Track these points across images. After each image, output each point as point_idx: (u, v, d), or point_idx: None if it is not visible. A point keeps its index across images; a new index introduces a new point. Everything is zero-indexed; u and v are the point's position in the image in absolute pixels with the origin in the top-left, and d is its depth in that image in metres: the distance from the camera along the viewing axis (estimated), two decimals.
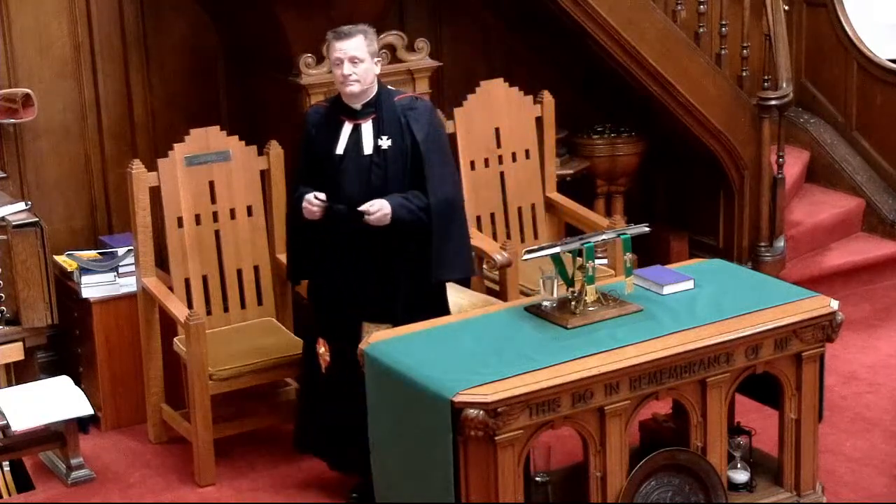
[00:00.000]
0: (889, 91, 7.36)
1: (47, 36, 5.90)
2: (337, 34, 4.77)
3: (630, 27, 6.25)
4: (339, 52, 4.75)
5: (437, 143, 4.88)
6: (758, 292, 4.85)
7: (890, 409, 5.79)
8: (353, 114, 4.84)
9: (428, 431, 4.26)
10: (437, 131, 4.91)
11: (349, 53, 4.73)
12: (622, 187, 6.87)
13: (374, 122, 4.83)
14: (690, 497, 4.57)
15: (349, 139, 4.84)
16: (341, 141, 4.84)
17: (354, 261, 4.86)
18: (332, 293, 4.94)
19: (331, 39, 4.79)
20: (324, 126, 4.88)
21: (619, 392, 4.40)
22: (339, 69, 4.76)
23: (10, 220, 5.29)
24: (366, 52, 4.76)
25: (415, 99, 4.94)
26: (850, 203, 7.44)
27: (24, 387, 5.33)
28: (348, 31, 4.77)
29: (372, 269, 4.86)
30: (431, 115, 4.91)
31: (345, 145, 4.84)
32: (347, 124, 4.85)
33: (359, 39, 4.75)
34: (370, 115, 4.83)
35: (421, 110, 4.87)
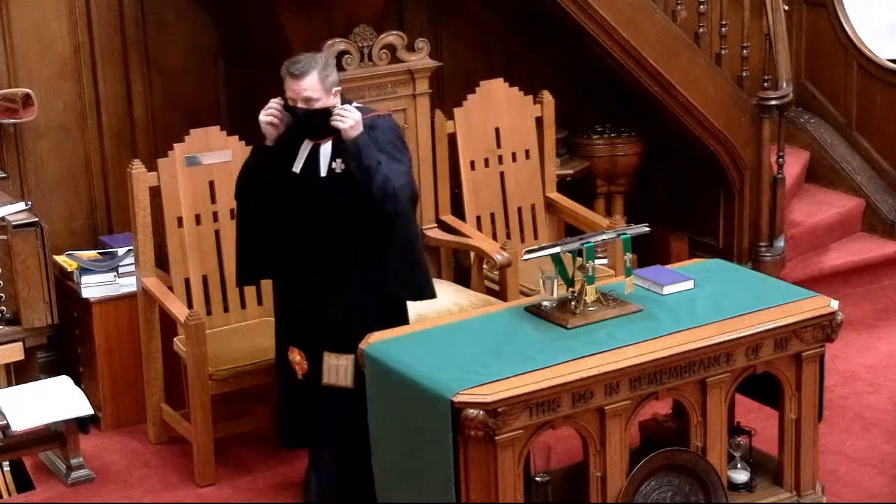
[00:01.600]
0: (889, 91, 7.36)
1: (47, 36, 5.90)
2: (291, 72, 4.61)
3: (630, 27, 6.25)
4: (292, 91, 4.62)
5: (397, 147, 4.72)
6: (758, 292, 4.85)
7: (890, 409, 5.79)
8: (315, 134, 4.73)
9: (428, 431, 4.26)
10: (398, 141, 4.75)
11: (302, 94, 4.60)
12: (622, 187, 6.87)
13: (333, 143, 4.70)
14: (690, 497, 4.57)
15: (307, 158, 4.73)
16: (299, 159, 4.73)
17: (316, 289, 4.76)
18: (295, 313, 4.85)
19: (285, 75, 4.63)
20: (285, 138, 4.72)
21: (619, 392, 4.40)
22: (293, 104, 4.64)
23: (10, 220, 5.29)
24: (320, 90, 4.60)
25: (377, 118, 4.77)
26: (850, 203, 7.44)
27: (24, 387, 5.33)
28: (302, 68, 4.59)
29: (335, 299, 4.74)
30: (394, 132, 4.76)
31: (302, 164, 4.73)
32: (307, 143, 4.73)
33: (312, 77, 4.58)
34: (331, 136, 4.69)
35: (383, 129, 4.72)
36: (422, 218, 5.95)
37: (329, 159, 4.70)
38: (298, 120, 4.63)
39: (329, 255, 4.71)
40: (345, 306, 4.73)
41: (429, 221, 5.98)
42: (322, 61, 4.63)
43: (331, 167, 4.70)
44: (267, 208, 4.79)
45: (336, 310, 4.74)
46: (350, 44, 5.66)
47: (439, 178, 6.01)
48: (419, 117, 5.88)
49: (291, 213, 4.75)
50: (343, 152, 4.65)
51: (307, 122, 4.63)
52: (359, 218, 4.67)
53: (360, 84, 5.71)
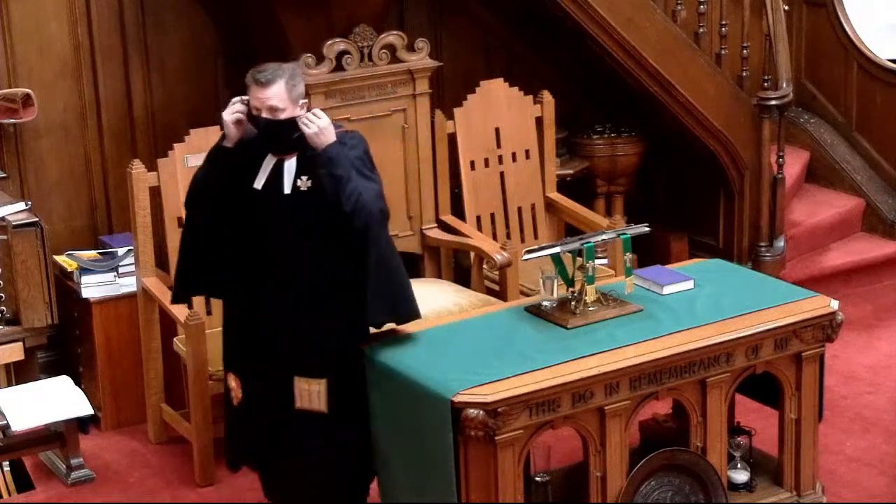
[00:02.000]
0: (889, 91, 7.36)
1: (47, 36, 5.90)
2: (256, 79, 4.35)
3: (630, 27, 6.25)
4: (256, 100, 4.35)
5: (365, 164, 4.43)
6: (758, 292, 4.85)
7: (890, 409, 5.79)
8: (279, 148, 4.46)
9: (429, 431, 4.26)
10: (367, 157, 4.46)
11: (267, 103, 4.34)
12: (622, 187, 6.87)
13: (297, 159, 4.44)
14: (690, 497, 4.57)
15: (270, 174, 4.46)
16: (261, 174, 4.47)
17: (278, 310, 4.48)
18: (251, 336, 4.56)
19: (250, 83, 4.36)
20: (244, 149, 4.46)
21: (619, 392, 4.39)
22: (257, 113, 4.38)
23: (10, 220, 5.29)
24: (287, 99, 4.34)
25: (346, 133, 4.48)
26: (850, 203, 7.44)
27: (24, 387, 5.33)
28: (269, 76, 4.33)
29: (302, 319, 4.46)
30: (363, 149, 4.46)
31: (265, 180, 4.46)
32: (271, 158, 4.46)
33: (279, 86, 4.33)
34: (295, 150, 4.44)
35: (352, 145, 4.42)
36: (421, 218, 5.96)
37: (294, 175, 4.44)
38: (261, 130, 4.38)
39: (292, 276, 4.44)
40: (309, 328, 4.45)
41: (429, 221, 5.99)
42: (290, 71, 4.39)
43: (296, 184, 4.43)
44: (221, 220, 4.50)
45: (300, 332, 4.46)
46: (350, 44, 5.66)
47: (439, 178, 6.02)
48: (419, 117, 5.88)
49: (250, 230, 4.49)
50: (311, 162, 4.38)
51: (270, 133, 4.37)
52: (325, 236, 4.42)
53: (360, 84, 5.72)
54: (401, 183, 5.89)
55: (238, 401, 4.62)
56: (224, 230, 4.50)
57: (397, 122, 5.85)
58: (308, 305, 4.44)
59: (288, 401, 4.48)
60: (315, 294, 4.44)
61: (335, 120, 5.65)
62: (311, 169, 4.39)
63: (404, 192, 5.91)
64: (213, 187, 4.49)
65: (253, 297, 4.53)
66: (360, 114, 5.74)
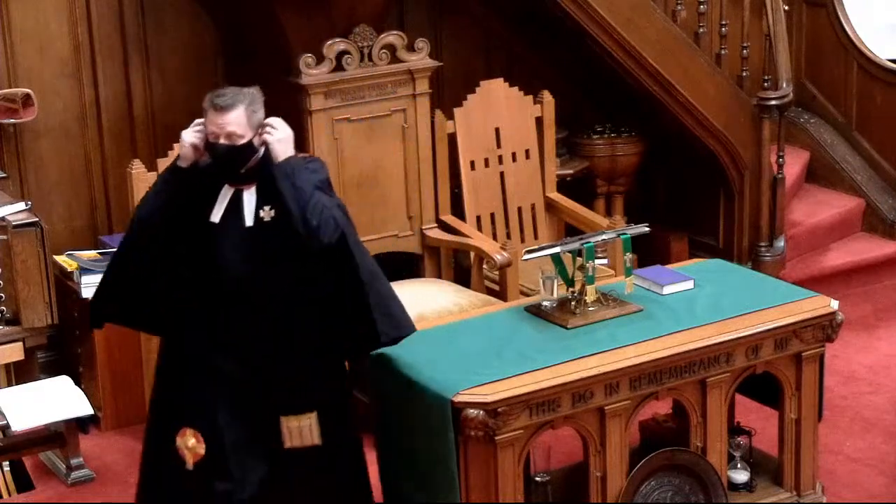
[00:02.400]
0: (889, 91, 7.35)
1: (47, 36, 5.90)
2: (215, 104, 4.09)
3: (630, 27, 6.25)
4: (215, 125, 4.10)
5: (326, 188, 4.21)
6: (758, 292, 4.85)
7: (890, 409, 5.79)
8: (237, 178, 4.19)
9: (430, 431, 4.26)
10: (328, 183, 4.24)
11: (226, 129, 4.09)
12: (622, 187, 6.87)
13: (257, 189, 4.18)
14: (690, 497, 4.57)
15: (228, 206, 4.18)
16: (218, 207, 4.19)
17: (254, 348, 4.18)
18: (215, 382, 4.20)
19: (208, 108, 4.12)
20: (200, 180, 4.19)
21: (619, 392, 4.39)
22: (215, 139, 4.13)
23: (10, 220, 5.29)
24: (246, 125, 4.10)
25: (305, 158, 4.30)
26: (850, 203, 7.43)
27: (24, 387, 5.32)
28: (229, 101, 4.09)
29: (280, 354, 4.18)
30: (325, 174, 4.24)
31: (222, 213, 4.18)
32: (228, 188, 4.19)
33: (238, 112, 4.09)
34: (254, 180, 4.18)
35: (313, 169, 4.22)
36: (421, 218, 5.96)
37: (255, 207, 4.18)
38: (219, 156, 4.11)
39: (264, 310, 4.16)
40: (290, 363, 4.18)
41: (429, 221, 5.98)
42: (250, 96, 4.15)
43: (258, 216, 4.17)
44: (168, 249, 4.19)
45: (280, 369, 4.18)
46: (350, 44, 5.66)
47: (439, 178, 6.01)
48: (419, 117, 5.88)
49: (202, 265, 4.18)
50: (272, 191, 4.12)
51: (229, 161, 4.11)
52: (297, 264, 4.14)
53: (360, 84, 5.71)
54: (401, 183, 5.89)
55: (197, 459, 4.19)
56: (170, 262, 4.20)
57: (397, 122, 5.84)
58: (285, 339, 4.17)
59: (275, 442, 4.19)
60: (291, 326, 4.17)
61: (337, 119, 5.70)
62: (273, 198, 4.14)
63: (404, 192, 5.91)
64: (165, 210, 4.18)
65: (214, 339, 4.19)
66: (360, 114, 5.74)
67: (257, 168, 4.17)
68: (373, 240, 5.86)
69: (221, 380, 4.19)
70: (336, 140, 5.71)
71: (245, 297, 4.17)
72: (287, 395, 4.20)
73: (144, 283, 4.23)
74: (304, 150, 5.67)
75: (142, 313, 4.33)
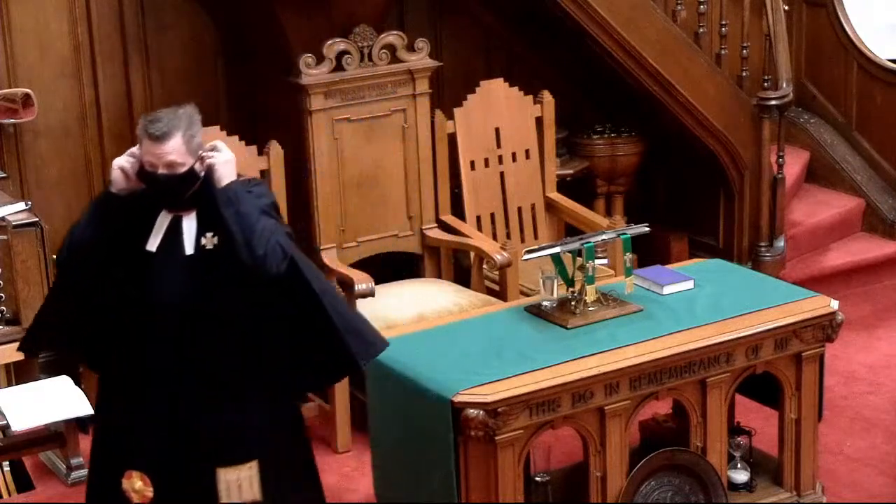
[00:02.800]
0: (889, 91, 7.35)
1: (47, 36, 5.90)
2: (151, 133, 3.77)
3: (630, 27, 6.25)
4: (152, 156, 3.78)
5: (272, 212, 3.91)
6: (758, 292, 4.85)
7: (890, 409, 5.79)
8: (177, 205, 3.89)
9: (428, 431, 4.26)
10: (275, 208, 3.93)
11: (165, 158, 3.78)
12: (622, 187, 6.87)
13: (198, 215, 3.88)
14: (690, 497, 4.57)
15: (166, 234, 3.87)
16: (155, 235, 3.88)
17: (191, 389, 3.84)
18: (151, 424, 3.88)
19: (142, 135, 3.79)
20: (134, 209, 3.88)
21: (619, 392, 4.40)
22: (153, 170, 3.82)
23: (10, 220, 5.29)
24: (186, 152, 3.79)
25: (248, 182, 3.96)
26: (850, 203, 7.43)
27: (24, 387, 5.32)
28: (164, 128, 3.77)
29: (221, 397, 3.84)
30: (271, 199, 3.95)
31: (159, 241, 3.87)
32: (165, 215, 3.88)
33: (176, 139, 3.77)
34: (193, 206, 3.88)
35: (258, 193, 3.90)
36: (421, 218, 5.96)
37: (196, 234, 3.87)
38: (160, 185, 3.81)
39: (205, 347, 3.83)
40: (232, 407, 3.85)
41: (429, 221, 5.98)
42: (186, 119, 3.83)
43: (200, 243, 3.85)
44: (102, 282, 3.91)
45: (220, 414, 3.84)
46: (350, 44, 5.66)
47: (439, 178, 6.01)
48: (419, 117, 5.88)
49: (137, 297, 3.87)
50: (214, 216, 3.82)
51: (171, 190, 3.81)
52: (243, 295, 3.84)
53: (360, 84, 5.71)
54: (401, 183, 5.89)
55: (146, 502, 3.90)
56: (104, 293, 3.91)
57: (397, 122, 5.84)
58: (229, 379, 3.84)
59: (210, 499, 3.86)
60: (236, 363, 3.85)
61: (337, 119, 5.70)
62: (216, 225, 3.83)
63: (404, 192, 5.91)
64: (97, 239, 3.90)
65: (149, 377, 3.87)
66: (360, 114, 5.74)
67: (198, 193, 3.86)
68: (373, 240, 5.87)
69: (157, 421, 3.86)
70: (336, 140, 5.71)
71: (185, 332, 3.83)
72: (225, 442, 3.85)
73: (78, 313, 3.95)
74: (304, 150, 5.67)
75: (77, 345, 4.05)
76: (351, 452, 5.37)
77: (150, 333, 3.86)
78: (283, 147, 5.61)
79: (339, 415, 5.41)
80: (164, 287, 3.84)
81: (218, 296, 3.84)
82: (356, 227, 5.83)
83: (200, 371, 3.83)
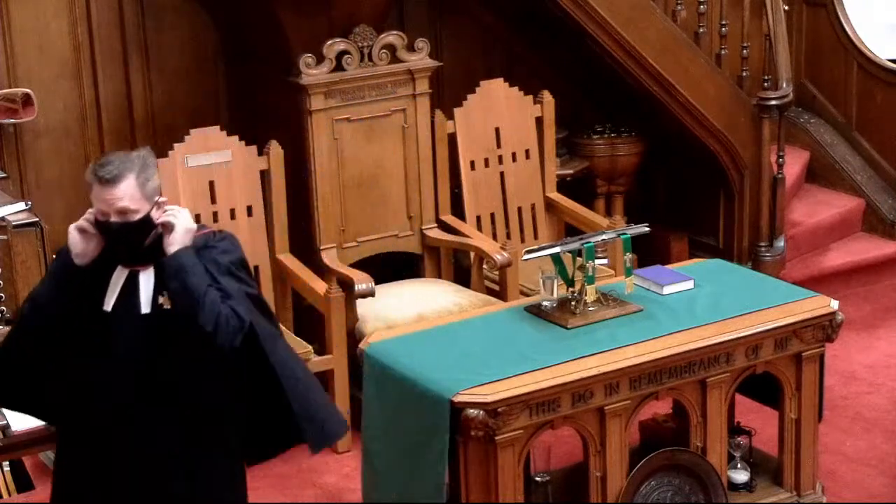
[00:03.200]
0: (889, 91, 7.36)
1: (47, 36, 5.90)
2: (100, 177, 3.50)
3: (630, 27, 6.25)
4: (102, 202, 3.52)
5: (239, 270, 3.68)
6: (758, 292, 4.85)
7: (890, 409, 5.79)
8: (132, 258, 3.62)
9: (425, 431, 4.26)
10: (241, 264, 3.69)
11: (116, 205, 3.51)
12: (622, 187, 6.87)
13: (155, 270, 3.60)
14: (690, 497, 4.57)
15: (122, 291, 3.61)
16: (111, 293, 3.61)
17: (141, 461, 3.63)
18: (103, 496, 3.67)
19: (92, 181, 3.53)
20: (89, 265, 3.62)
21: (619, 392, 4.39)
22: (105, 218, 3.56)
23: (10, 220, 5.29)
24: (139, 198, 3.52)
25: (213, 236, 3.69)
26: (850, 203, 7.43)
27: None
28: (115, 171, 3.50)
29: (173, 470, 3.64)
30: (237, 254, 3.69)
31: (115, 300, 3.61)
32: (121, 271, 3.62)
33: (128, 183, 3.50)
34: (151, 261, 3.59)
35: (223, 249, 3.66)
36: (421, 218, 5.96)
37: (153, 291, 3.60)
38: (112, 235, 3.54)
39: (159, 416, 3.61)
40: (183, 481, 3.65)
41: (429, 221, 5.99)
42: (139, 162, 3.55)
43: (156, 301, 3.59)
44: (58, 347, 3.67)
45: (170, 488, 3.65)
46: (350, 44, 5.66)
47: (439, 178, 6.02)
48: (419, 117, 5.88)
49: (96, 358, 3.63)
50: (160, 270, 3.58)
51: (122, 239, 3.55)
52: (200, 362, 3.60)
53: (360, 84, 5.71)
54: (401, 183, 5.90)
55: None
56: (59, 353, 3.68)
57: (397, 122, 5.85)
58: (180, 452, 3.63)
59: None
60: (190, 436, 3.63)
61: (337, 119, 5.70)
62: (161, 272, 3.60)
63: (404, 192, 5.91)
64: (57, 312, 3.65)
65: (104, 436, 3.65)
66: (360, 114, 5.75)
67: (154, 246, 3.58)
68: (373, 240, 5.87)
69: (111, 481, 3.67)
70: (336, 140, 5.71)
71: (140, 394, 3.61)
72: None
73: (33, 372, 3.74)
74: (304, 150, 5.67)
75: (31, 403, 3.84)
76: (351, 452, 5.37)
77: (105, 394, 3.62)
78: (283, 147, 5.61)
79: None
80: (119, 349, 3.60)
81: (174, 359, 3.60)
82: (356, 226, 5.83)
83: (153, 434, 3.62)
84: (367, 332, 5.16)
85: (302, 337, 5.47)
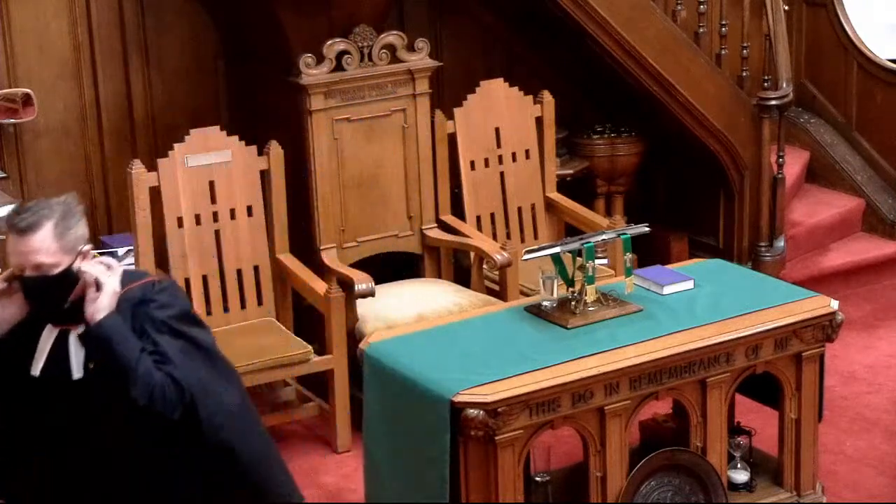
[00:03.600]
0: (889, 91, 7.36)
1: (47, 36, 5.90)
2: (14, 226, 3.18)
3: (630, 27, 6.25)
4: (16, 254, 3.18)
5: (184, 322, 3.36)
6: (758, 292, 4.85)
7: (890, 409, 5.78)
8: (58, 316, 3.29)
9: (426, 431, 4.26)
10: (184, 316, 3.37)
11: (31, 258, 3.17)
12: (622, 187, 6.87)
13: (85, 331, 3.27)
14: (690, 497, 4.57)
15: (51, 354, 3.28)
16: (39, 356, 3.28)
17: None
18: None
19: (7, 229, 3.21)
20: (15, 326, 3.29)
21: (619, 392, 4.39)
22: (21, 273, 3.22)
23: None
24: (57, 250, 3.18)
25: (152, 287, 3.35)
26: (850, 203, 7.44)
27: None
28: (31, 220, 3.17)
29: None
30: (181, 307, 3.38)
31: (43, 363, 3.28)
32: (50, 330, 3.28)
33: (44, 234, 3.16)
34: (82, 319, 3.23)
35: (162, 302, 3.32)
36: (421, 218, 5.96)
37: (85, 354, 3.27)
38: (28, 292, 3.20)
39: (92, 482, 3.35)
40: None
41: (429, 221, 5.99)
42: (61, 210, 3.23)
43: (88, 365, 3.26)
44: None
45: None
46: (350, 44, 5.66)
47: (439, 178, 6.02)
48: (419, 117, 5.88)
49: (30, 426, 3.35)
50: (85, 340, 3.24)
51: (43, 295, 3.20)
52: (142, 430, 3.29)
53: (360, 84, 5.71)
54: (401, 183, 5.90)
55: None
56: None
57: (397, 122, 5.85)
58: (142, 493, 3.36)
59: None
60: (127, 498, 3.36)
61: (337, 119, 5.69)
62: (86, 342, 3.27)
63: (404, 192, 5.91)
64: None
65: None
66: (360, 114, 5.75)
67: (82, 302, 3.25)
68: (373, 240, 5.87)
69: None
70: (336, 140, 5.71)
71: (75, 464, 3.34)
72: None
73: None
74: (304, 150, 5.67)
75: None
76: (351, 452, 5.37)
77: (40, 464, 3.36)
78: (283, 147, 5.61)
79: (339, 415, 5.41)
80: (50, 417, 3.30)
81: (108, 426, 3.29)
82: (356, 226, 5.83)
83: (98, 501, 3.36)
84: (367, 332, 5.16)
85: (302, 337, 5.47)
